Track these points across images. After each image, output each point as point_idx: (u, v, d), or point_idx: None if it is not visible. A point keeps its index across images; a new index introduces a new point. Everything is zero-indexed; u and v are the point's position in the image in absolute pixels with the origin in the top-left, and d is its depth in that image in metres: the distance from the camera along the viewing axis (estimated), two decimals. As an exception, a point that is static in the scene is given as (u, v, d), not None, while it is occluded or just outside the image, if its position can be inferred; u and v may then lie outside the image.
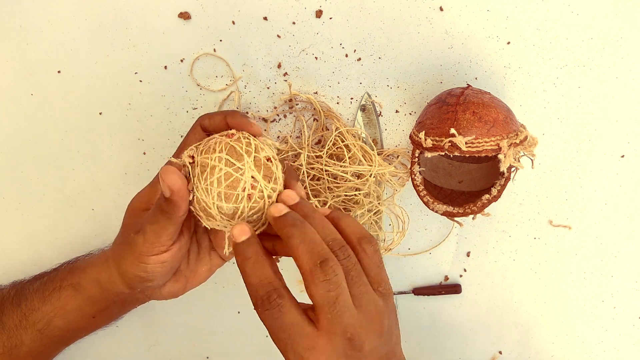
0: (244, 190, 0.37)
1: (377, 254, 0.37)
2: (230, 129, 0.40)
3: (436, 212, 0.51)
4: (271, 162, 0.39)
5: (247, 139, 0.39)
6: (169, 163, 0.39)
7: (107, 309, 0.48)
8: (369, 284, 0.36)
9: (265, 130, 0.56)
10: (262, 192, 0.38)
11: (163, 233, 0.39)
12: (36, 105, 0.55)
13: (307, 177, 0.51)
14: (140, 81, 0.54)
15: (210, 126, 0.42)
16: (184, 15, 0.52)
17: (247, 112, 0.55)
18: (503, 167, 0.46)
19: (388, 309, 0.36)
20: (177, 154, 0.43)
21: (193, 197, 0.38)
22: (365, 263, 0.36)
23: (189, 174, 0.38)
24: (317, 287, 0.34)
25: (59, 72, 0.54)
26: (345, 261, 0.35)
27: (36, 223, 0.60)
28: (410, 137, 0.50)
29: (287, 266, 0.61)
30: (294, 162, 0.52)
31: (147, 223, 0.39)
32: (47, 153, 0.57)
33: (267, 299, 0.35)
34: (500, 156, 0.46)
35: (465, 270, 0.59)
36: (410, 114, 0.55)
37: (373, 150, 0.51)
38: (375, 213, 0.54)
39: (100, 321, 0.51)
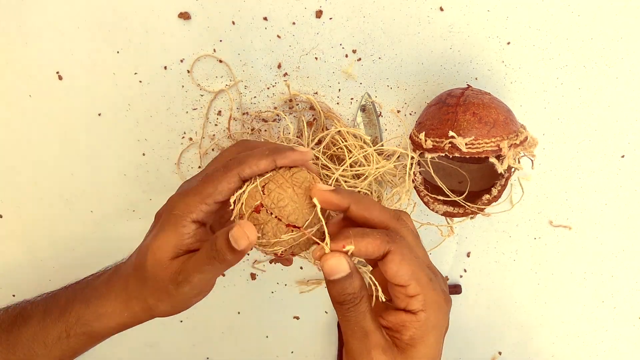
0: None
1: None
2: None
3: (436, 212, 0.51)
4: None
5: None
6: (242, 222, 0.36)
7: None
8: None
9: (265, 130, 0.56)
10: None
11: (214, 279, 0.38)
12: (34, 107, 0.55)
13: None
14: (140, 82, 0.54)
15: (251, 175, 0.38)
16: (184, 16, 0.52)
17: (246, 113, 0.55)
18: (500, 169, 0.46)
19: None
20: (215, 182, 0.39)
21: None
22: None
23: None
24: (405, 231, 0.36)
25: (57, 73, 0.54)
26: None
27: (34, 225, 0.60)
28: (411, 137, 0.50)
29: (286, 267, 0.61)
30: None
31: (195, 273, 0.37)
32: (45, 155, 0.57)
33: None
34: (493, 160, 0.46)
35: (465, 270, 0.59)
36: (411, 114, 0.55)
37: (370, 147, 0.51)
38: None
39: None
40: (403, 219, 0.37)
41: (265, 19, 0.52)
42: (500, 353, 0.62)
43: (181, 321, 0.63)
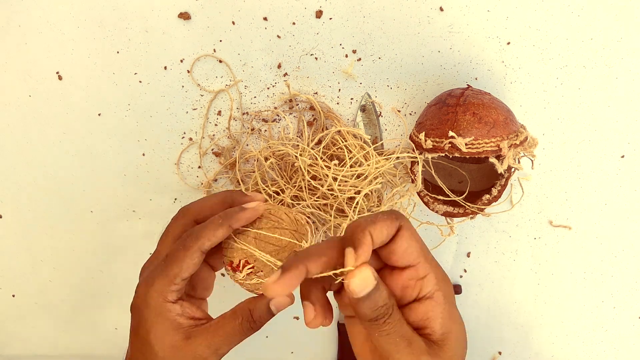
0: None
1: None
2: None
3: (436, 212, 0.51)
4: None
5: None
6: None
7: None
8: None
9: (265, 130, 0.56)
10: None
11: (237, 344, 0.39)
12: (34, 107, 0.55)
13: (308, 176, 0.51)
14: (140, 82, 0.54)
15: (212, 246, 0.40)
16: (184, 16, 0.52)
17: (246, 113, 0.55)
18: (500, 169, 0.46)
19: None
20: (164, 241, 0.42)
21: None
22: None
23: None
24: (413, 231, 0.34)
25: (57, 73, 0.54)
26: None
27: (34, 225, 0.60)
28: (411, 137, 0.50)
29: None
30: (294, 164, 0.52)
31: (226, 346, 0.38)
32: (45, 155, 0.57)
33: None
34: (493, 160, 0.46)
35: (465, 270, 0.59)
36: (411, 114, 0.55)
37: (370, 147, 0.51)
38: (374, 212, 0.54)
39: None
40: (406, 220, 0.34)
41: (265, 19, 0.52)
42: (500, 353, 0.62)
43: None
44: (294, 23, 0.52)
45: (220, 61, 0.53)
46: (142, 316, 0.39)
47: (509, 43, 0.52)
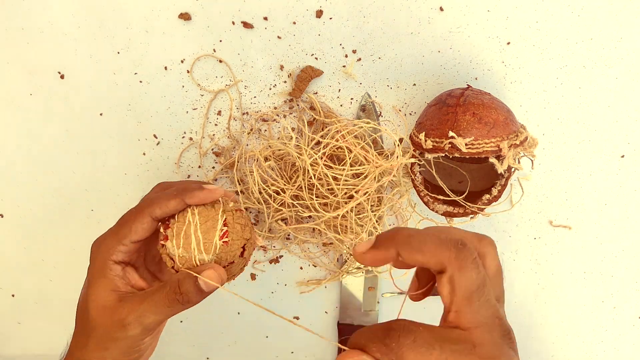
0: (220, 239, 0.40)
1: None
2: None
3: (436, 212, 0.51)
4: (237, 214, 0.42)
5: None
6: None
7: None
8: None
9: (265, 130, 0.56)
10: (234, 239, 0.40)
11: (166, 320, 0.39)
12: (36, 106, 0.55)
13: (307, 177, 0.51)
14: (140, 82, 0.54)
15: (163, 215, 0.40)
16: (184, 16, 0.52)
17: (246, 113, 0.55)
18: (500, 169, 0.46)
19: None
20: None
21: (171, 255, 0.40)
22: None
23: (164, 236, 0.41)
24: (467, 269, 0.28)
25: (59, 72, 0.54)
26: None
27: (34, 225, 0.60)
28: (411, 137, 0.50)
29: (285, 267, 0.61)
30: (294, 163, 0.52)
31: (150, 314, 0.38)
32: (46, 153, 0.57)
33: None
34: (493, 160, 0.46)
35: (465, 270, 0.59)
36: (411, 114, 0.55)
37: (370, 147, 0.51)
38: (374, 212, 0.54)
39: None
40: (465, 251, 0.29)
41: (265, 19, 0.52)
42: (500, 353, 0.62)
43: (181, 321, 0.63)
44: (294, 23, 0.52)
45: (220, 61, 0.53)
46: (88, 273, 0.41)
47: (509, 43, 0.52)
